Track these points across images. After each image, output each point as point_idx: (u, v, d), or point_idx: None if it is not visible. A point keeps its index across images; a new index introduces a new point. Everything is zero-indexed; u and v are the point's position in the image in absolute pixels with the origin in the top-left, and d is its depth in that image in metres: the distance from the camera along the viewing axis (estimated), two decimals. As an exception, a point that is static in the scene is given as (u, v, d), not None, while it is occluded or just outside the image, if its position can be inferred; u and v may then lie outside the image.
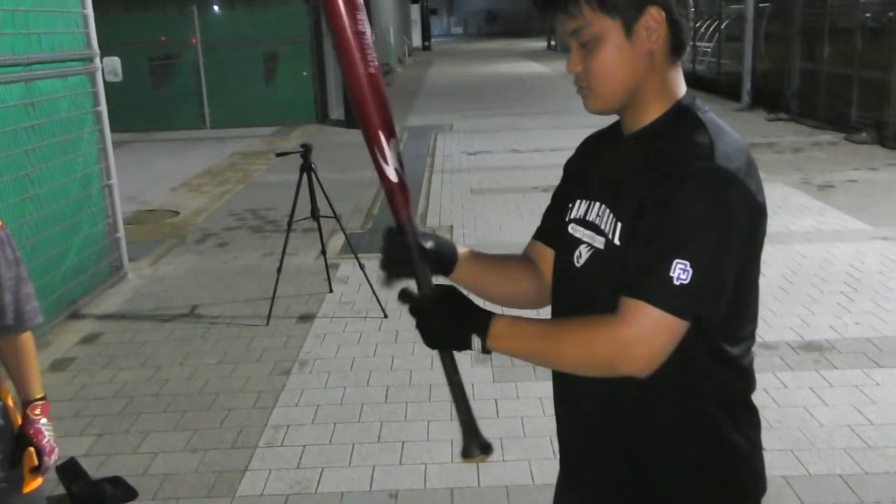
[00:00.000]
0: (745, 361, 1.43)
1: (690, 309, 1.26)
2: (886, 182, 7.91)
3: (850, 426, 3.44)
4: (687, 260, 1.24)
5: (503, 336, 1.34)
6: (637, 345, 1.26)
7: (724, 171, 1.27)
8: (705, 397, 1.40)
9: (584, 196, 1.49)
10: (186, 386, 4.12)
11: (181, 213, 7.85)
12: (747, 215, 1.29)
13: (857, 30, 10.89)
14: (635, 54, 1.35)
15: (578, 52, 1.38)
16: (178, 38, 14.13)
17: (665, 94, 1.40)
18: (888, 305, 4.74)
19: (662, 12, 1.33)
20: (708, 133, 1.32)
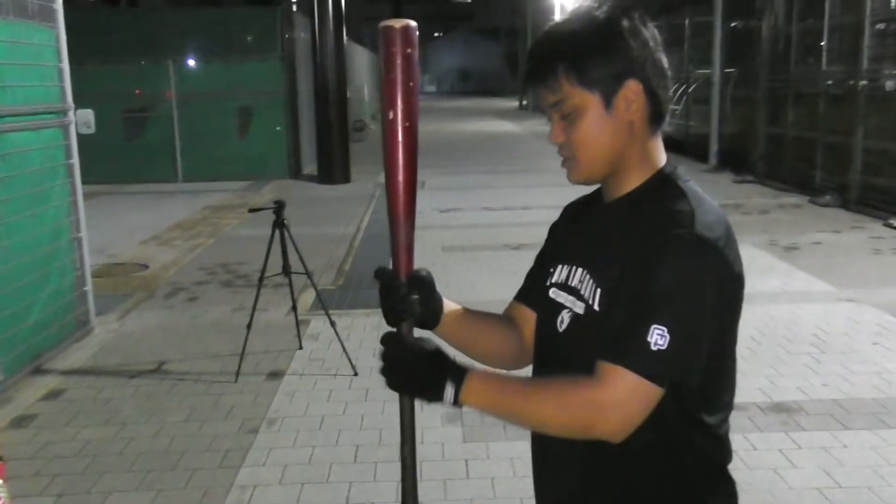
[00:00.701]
0: (722, 431, 1.44)
1: (667, 375, 1.27)
2: (849, 244, 8.08)
3: (818, 489, 3.45)
4: (664, 326, 1.25)
5: (478, 390, 1.32)
6: (613, 409, 1.27)
7: (703, 240, 1.29)
8: (685, 465, 1.41)
9: (566, 261, 1.51)
10: (152, 444, 4.04)
11: (151, 267, 7.79)
12: (725, 284, 1.32)
13: (820, 95, 11.22)
14: (616, 125, 1.38)
15: (560, 123, 1.42)
16: (152, 91, 14.17)
17: (646, 162, 1.43)
18: (855, 367, 4.80)
19: (640, 84, 1.37)
20: (689, 201, 1.35)
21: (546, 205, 10.68)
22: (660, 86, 1.40)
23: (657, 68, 1.39)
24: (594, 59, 1.36)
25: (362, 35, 32.98)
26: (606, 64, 1.36)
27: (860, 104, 9.99)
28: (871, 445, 3.82)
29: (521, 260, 7.68)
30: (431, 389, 1.33)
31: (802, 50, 12.18)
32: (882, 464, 3.64)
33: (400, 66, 1.35)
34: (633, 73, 1.36)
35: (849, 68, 10.46)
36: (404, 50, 1.36)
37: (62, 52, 5.50)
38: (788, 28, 12.33)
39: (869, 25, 9.87)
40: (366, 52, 30.76)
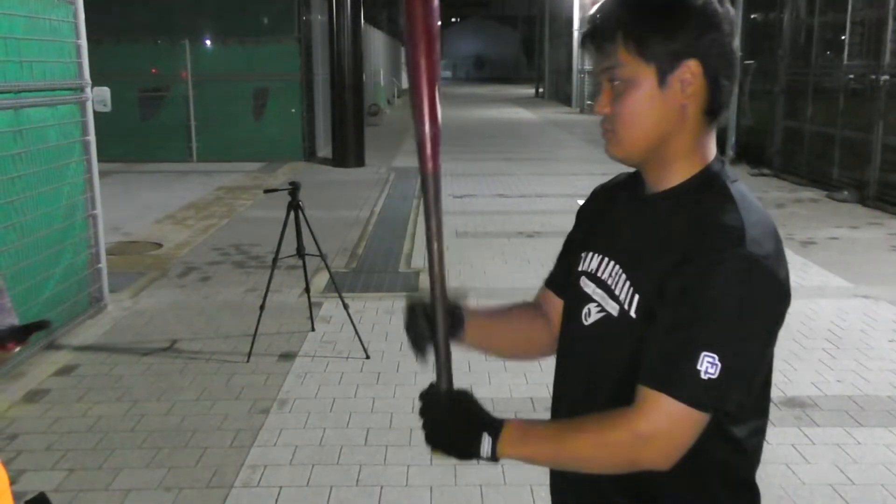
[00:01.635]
0: (751, 444, 1.38)
1: (716, 403, 1.22)
2: (867, 241, 8.01)
3: (831, 485, 3.42)
4: (715, 353, 1.19)
5: (515, 441, 1.29)
6: (656, 440, 1.22)
7: (754, 261, 1.21)
8: (709, 477, 1.36)
9: (597, 249, 1.44)
10: (163, 422, 4.05)
11: (164, 246, 7.80)
12: (775, 305, 1.26)
13: (840, 90, 11.11)
14: (665, 105, 1.30)
15: (609, 93, 1.33)
16: (168, 70, 14.19)
17: (694, 155, 1.34)
18: (870, 364, 4.76)
19: (701, 67, 1.28)
20: (738, 212, 1.26)
21: (561, 193, 10.65)
22: (723, 74, 1.30)
23: (725, 55, 1.30)
24: (657, 30, 1.27)
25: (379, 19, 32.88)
26: (669, 38, 1.27)
27: (881, 100, 9.88)
28: (885, 443, 3.79)
29: (534, 248, 7.68)
30: (469, 447, 1.30)
31: (823, 44, 12.05)
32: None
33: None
34: (696, 54, 1.27)
35: (870, 63, 10.34)
36: None
37: (80, 28, 5.49)
38: (810, 21, 12.19)
39: (892, 20, 9.74)
40: (382, 36, 30.68)
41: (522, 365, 4.67)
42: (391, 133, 19.26)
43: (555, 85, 34.88)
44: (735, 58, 1.33)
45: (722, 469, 1.36)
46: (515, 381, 4.52)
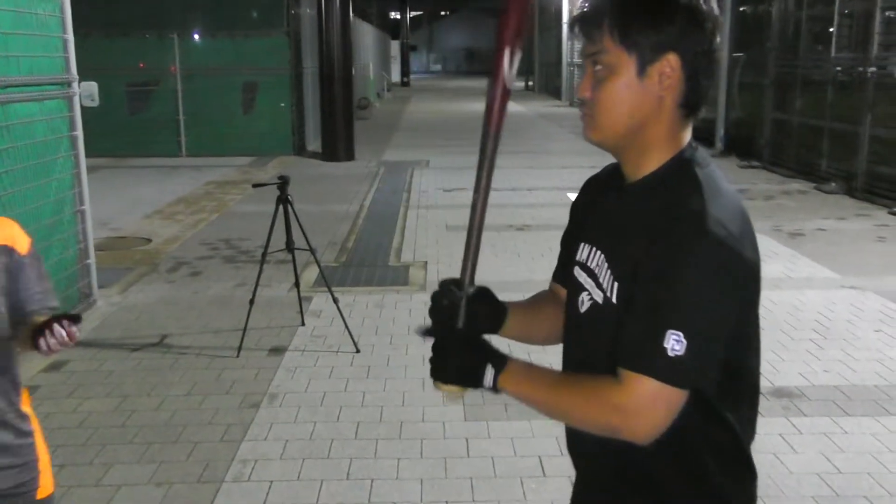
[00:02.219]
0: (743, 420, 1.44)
1: (686, 379, 1.27)
2: (854, 232, 8.05)
3: (818, 474, 3.45)
4: (680, 331, 1.25)
5: (516, 378, 1.39)
6: (636, 415, 1.29)
7: (717, 243, 1.27)
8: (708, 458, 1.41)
9: (588, 240, 1.51)
10: (153, 417, 4.05)
11: (153, 241, 7.78)
12: (739, 281, 1.31)
13: (829, 83, 11.15)
14: (643, 95, 1.35)
15: (591, 77, 1.39)
16: (157, 64, 14.12)
17: (668, 144, 1.39)
18: (857, 354, 4.79)
19: (680, 61, 1.33)
20: (702, 195, 1.31)
21: (551, 186, 10.67)
22: (702, 71, 1.35)
23: (705, 53, 1.35)
24: (641, 21, 1.32)
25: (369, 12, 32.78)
26: (651, 30, 1.32)
27: (868, 92, 9.93)
28: (871, 432, 3.82)
29: (524, 241, 7.69)
30: (473, 374, 1.40)
31: (812, 36, 12.09)
32: (882, 450, 3.65)
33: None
34: (676, 49, 1.32)
35: (858, 55, 10.39)
36: None
37: (67, 22, 5.47)
38: (798, 14, 12.23)
39: (879, 12, 9.78)
40: (372, 30, 30.59)
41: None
42: (381, 127, 19.23)
43: (545, 78, 34.87)
44: (715, 57, 1.37)
45: (719, 450, 1.41)
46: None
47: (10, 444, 1.99)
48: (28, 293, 1.99)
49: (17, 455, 2.01)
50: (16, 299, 1.96)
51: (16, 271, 1.97)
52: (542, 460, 3.58)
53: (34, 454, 2.07)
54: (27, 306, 1.98)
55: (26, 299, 1.98)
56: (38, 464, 2.07)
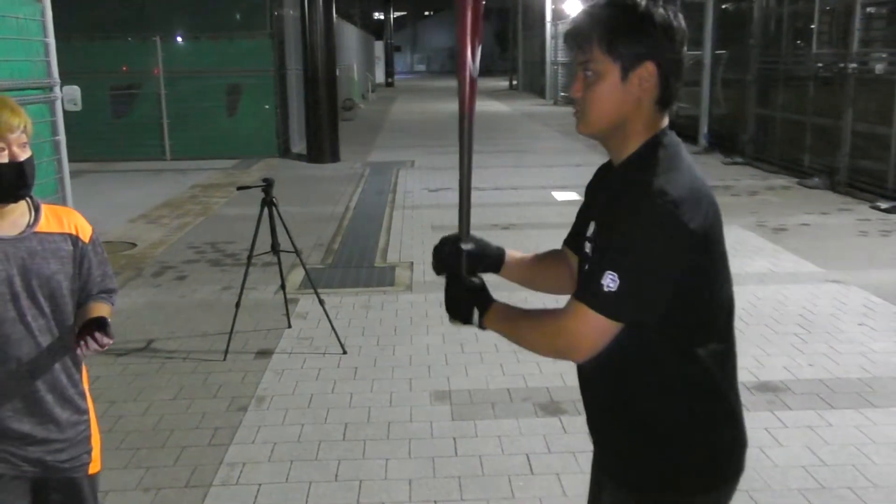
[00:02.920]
0: (714, 361, 1.66)
1: (616, 312, 1.54)
2: (837, 226, 8.12)
3: (804, 467, 3.48)
4: (615, 272, 1.52)
5: (496, 316, 1.75)
6: (572, 336, 1.59)
7: (654, 204, 1.51)
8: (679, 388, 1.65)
9: (593, 217, 1.76)
10: (140, 422, 4.04)
11: (139, 245, 7.75)
12: (676, 240, 1.52)
13: (810, 79, 11.23)
14: (625, 96, 1.62)
15: (581, 80, 1.65)
16: (140, 68, 14.04)
17: (645, 133, 1.65)
18: (840, 347, 4.83)
19: (656, 68, 1.60)
20: (656, 169, 1.57)
21: (536, 185, 10.68)
22: (673, 76, 1.62)
23: (675, 61, 1.62)
24: (624, 35, 1.59)
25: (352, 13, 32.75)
26: (633, 42, 1.59)
27: (849, 87, 10.00)
28: (855, 424, 3.86)
29: (509, 240, 7.68)
30: (467, 317, 1.78)
31: (793, 33, 12.17)
32: (866, 442, 3.68)
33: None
34: (653, 58, 1.59)
35: (839, 51, 10.46)
36: None
37: (48, 26, 5.44)
38: (779, 10, 12.31)
39: (859, 8, 9.86)
40: (356, 31, 30.56)
41: (499, 356, 4.71)
42: (366, 128, 19.21)
43: (529, 77, 34.92)
44: (683, 63, 1.65)
45: (688, 382, 1.65)
46: (492, 372, 4.55)
47: (70, 420, 2.18)
48: (90, 277, 2.22)
49: (75, 430, 2.20)
50: (79, 283, 2.20)
51: (80, 258, 2.19)
52: (530, 458, 3.60)
53: (89, 431, 2.26)
54: (89, 289, 2.22)
55: (89, 283, 2.22)
56: (90, 440, 2.27)
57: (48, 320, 2.12)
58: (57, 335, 2.14)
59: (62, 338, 2.16)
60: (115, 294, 2.37)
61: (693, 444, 1.66)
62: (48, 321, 2.12)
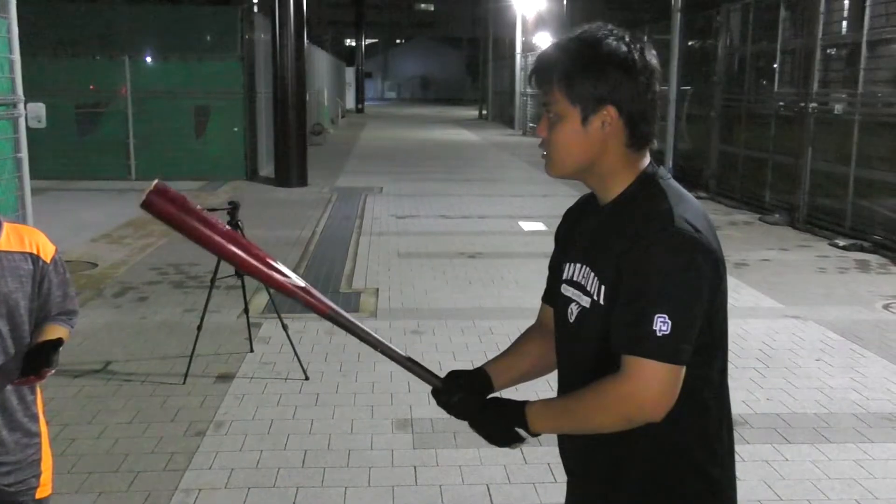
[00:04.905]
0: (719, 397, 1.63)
1: (677, 354, 1.45)
2: (797, 262, 8.26)
3: (760, 501, 3.51)
4: (664, 313, 1.44)
5: (541, 420, 1.59)
6: (641, 395, 1.46)
7: (683, 232, 1.48)
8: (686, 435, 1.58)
9: (571, 259, 1.70)
10: (94, 445, 3.96)
11: (100, 265, 7.65)
12: (708, 265, 1.50)
13: (772, 117, 11.47)
14: (588, 139, 1.57)
15: (546, 121, 1.61)
16: (107, 86, 13.94)
17: (628, 169, 1.60)
18: (798, 382, 4.90)
19: (617, 112, 1.54)
20: (668, 199, 1.54)
21: (503, 214, 10.75)
22: (641, 116, 1.56)
23: (642, 100, 1.55)
24: (582, 78, 1.54)
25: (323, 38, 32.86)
26: (591, 86, 1.53)
27: (809, 126, 10.24)
28: (811, 459, 3.90)
29: (476, 268, 7.74)
30: (513, 439, 1.63)
31: (756, 71, 12.44)
32: (822, 477, 3.73)
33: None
34: (613, 101, 1.54)
35: (799, 91, 10.72)
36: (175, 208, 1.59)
37: (13, 42, 5.37)
38: (743, 49, 12.59)
39: (819, 50, 10.12)
40: (326, 56, 30.66)
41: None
42: (335, 153, 19.21)
43: (498, 107, 35.23)
44: (651, 104, 1.57)
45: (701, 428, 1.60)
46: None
47: (19, 443, 2.16)
48: (50, 298, 2.22)
49: (24, 454, 2.17)
50: (38, 303, 2.19)
51: (40, 278, 2.19)
52: (490, 488, 3.59)
53: (39, 454, 2.23)
54: (48, 309, 2.21)
55: (48, 303, 2.21)
56: (41, 464, 2.23)
57: (4, 339, 2.10)
58: (12, 354, 2.11)
59: (17, 358, 2.12)
60: (76, 316, 2.35)
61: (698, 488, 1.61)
62: (4, 340, 2.10)
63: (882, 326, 6.05)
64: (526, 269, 7.35)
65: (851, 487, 3.64)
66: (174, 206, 1.59)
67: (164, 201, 1.58)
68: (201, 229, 1.61)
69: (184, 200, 1.60)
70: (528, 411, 1.59)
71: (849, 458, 3.91)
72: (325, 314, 1.72)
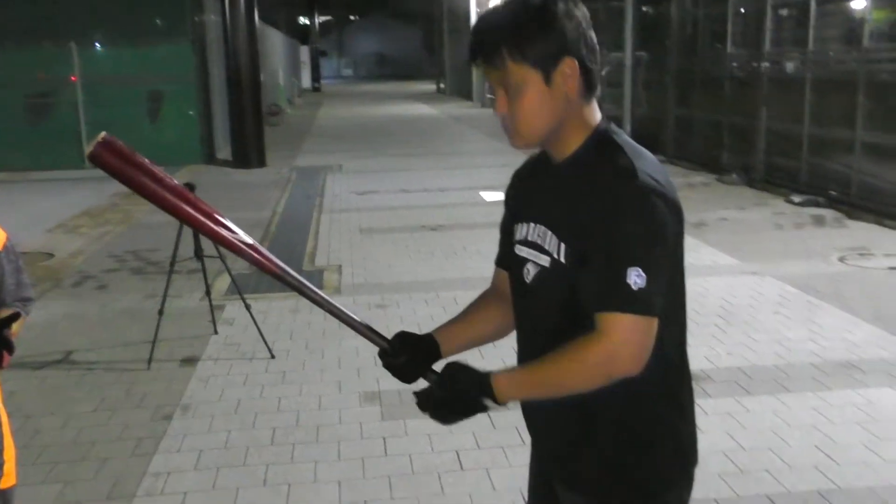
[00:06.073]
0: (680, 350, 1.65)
1: (653, 306, 1.46)
2: (754, 221, 8.39)
3: (723, 452, 3.59)
4: (638, 266, 1.45)
5: (509, 390, 1.56)
6: (620, 350, 1.46)
7: (649, 188, 1.48)
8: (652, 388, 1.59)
9: (524, 219, 1.69)
10: (58, 435, 3.92)
11: (57, 256, 7.52)
12: (672, 216, 1.52)
13: (726, 79, 11.57)
14: (554, 98, 1.54)
15: (503, 97, 1.56)
16: (56, 74, 13.63)
17: (583, 125, 1.59)
18: (757, 336, 4.99)
19: (576, 61, 1.53)
20: (627, 156, 1.53)
21: (464, 186, 10.74)
22: (592, 61, 1.56)
23: (589, 46, 1.56)
24: (534, 38, 1.51)
25: (276, 18, 32.42)
26: (545, 43, 1.51)
27: (763, 87, 10.35)
28: (772, 409, 3.99)
29: (438, 241, 7.74)
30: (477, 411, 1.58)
31: (709, 34, 12.52)
32: (782, 426, 3.81)
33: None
34: (569, 52, 1.52)
35: (752, 52, 10.82)
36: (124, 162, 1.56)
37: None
38: (696, 12, 12.65)
39: (770, 10, 10.21)
40: (280, 35, 30.26)
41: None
42: (293, 133, 19.03)
43: (456, 80, 35.07)
44: (596, 45, 1.57)
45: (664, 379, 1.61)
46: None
47: None
48: (3, 286, 2.18)
49: None
50: None
51: None
52: (460, 454, 3.62)
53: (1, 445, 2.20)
54: (2, 297, 2.18)
55: (1, 291, 2.18)
56: (3, 453, 2.21)
57: None
58: None
59: None
60: (31, 303, 2.32)
61: (665, 440, 1.63)
62: None
63: (837, 278, 6.18)
64: (488, 239, 7.32)
65: (811, 434, 3.73)
66: (121, 160, 1.56)
67: (110, 154, 1.55)
68: (149, 184, 1.58)
69: (131, 154, 1.56)
70: (494, 380, 1.55)
71: (808, 407, 4.01)
72: (273, 272, 1.69)
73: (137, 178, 1.58)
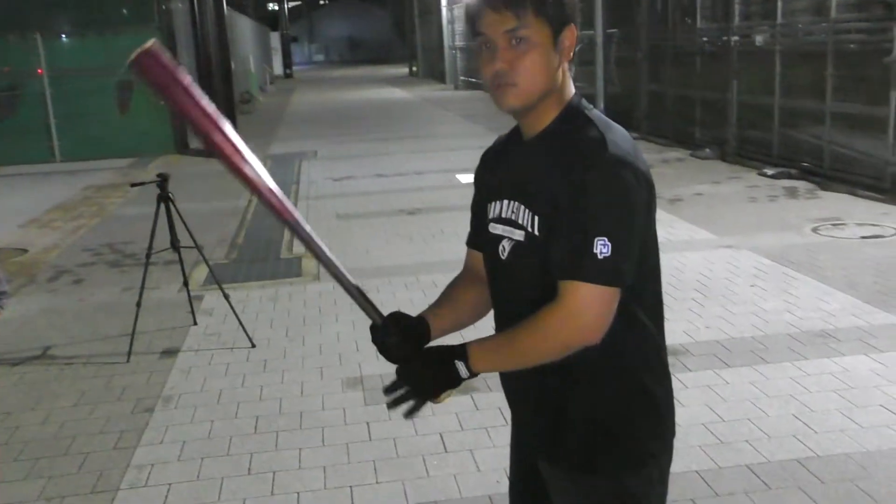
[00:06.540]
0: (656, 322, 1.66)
1: (616, 277, 1.47)
2: (728, 195, 8.45)
3: (703, 424, 3.63)
4: (604, 236, 1.46)
5: (481, 358, 1.57)
6: (578, 318, 1.48)
7: (618, 159, 1.50)
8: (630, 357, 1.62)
9: (497, 197, 1.70)
10: (39, 431, 3.89)
11: (30, 251, 7.43)
12: (642, 187, 1.53)
13: (697, 53, 11.61)
14: (554, 63, 1.57)
15: (508, 51, 1.53)
16: (21, 67, 13.41)
17: (559, 100, 1.61)
18: (735, 309, 5.05)
19: (575, 29, 1.58)
20: (597, 128, 1.55)
21: (439, 169, 10.73)
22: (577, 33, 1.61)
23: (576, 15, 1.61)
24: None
25: (245, 4, 32.06)
26: (562, 6, 1.55)
27: (733, 60, 10.40)
28: (750, 380, 4.04)
29: (415, 225, 7.73)
30: (452, 379, 1.58)
31: (680, 10, 12.54)
32: (761, 396, 3.86)
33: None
34: (573, 19, 1.58)
35: (722, 25, 10.85)
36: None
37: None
38: (665, -12, 12.65)
39: (739, -17, 10.24)
40: (249, 22, 29.95)
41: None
42: (266, 120, 18.88)
43: (428, 63, 34.92)
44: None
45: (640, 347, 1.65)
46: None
47: None
48: None
49: None
50: None
51: None
52: (444, 436, 3.64)
53: None
54: None
55: None
56: None
57: None
58: None
59: None
60: (6, 297, 2.29)
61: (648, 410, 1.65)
62: None
63: (811, 249, 6.25)
64: (465, 222, 7.26)
65: (789, 403, 3.78)
66: (162, 72, 1.46)
67: (153, 63, 1.45)
68: (184, 101, 1.49)
69: (175, 69, 1.47)
70: (468, 349, 1.57)
71: (785, 376, 4.06)
72: (289, 222, 1.61)
73: (176, 94, 1.48)
